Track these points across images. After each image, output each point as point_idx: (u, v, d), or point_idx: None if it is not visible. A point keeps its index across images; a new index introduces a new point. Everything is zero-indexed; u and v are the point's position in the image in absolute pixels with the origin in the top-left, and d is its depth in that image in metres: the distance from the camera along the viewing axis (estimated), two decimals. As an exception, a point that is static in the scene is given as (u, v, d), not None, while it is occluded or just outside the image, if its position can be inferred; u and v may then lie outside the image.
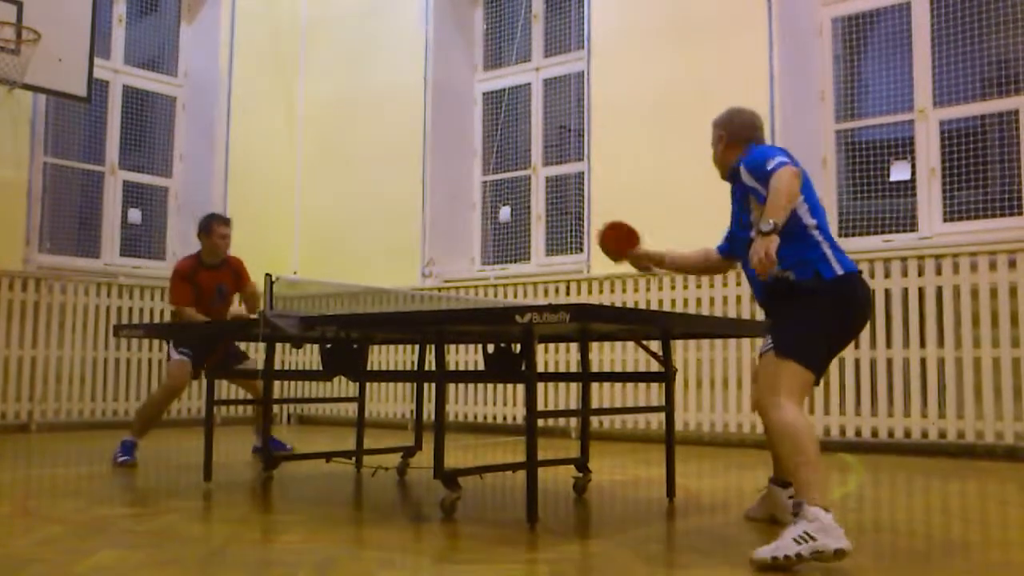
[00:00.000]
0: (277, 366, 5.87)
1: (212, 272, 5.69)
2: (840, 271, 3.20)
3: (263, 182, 9.34)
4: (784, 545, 2.68)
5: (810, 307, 3.19)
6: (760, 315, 6.52)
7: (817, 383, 3.28)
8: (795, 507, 2.78)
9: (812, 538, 2.67)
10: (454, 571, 2.71)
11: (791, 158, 3.22)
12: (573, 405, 7.25)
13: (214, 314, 5.66)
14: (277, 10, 9.72)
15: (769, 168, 3.13)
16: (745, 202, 3.38)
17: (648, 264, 4.06)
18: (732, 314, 6.67)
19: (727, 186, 3.62)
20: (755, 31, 6.84)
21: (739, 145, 3.51)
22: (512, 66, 8.85)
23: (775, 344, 3.18)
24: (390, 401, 8.49)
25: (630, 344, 6.77)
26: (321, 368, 4.74)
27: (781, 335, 3.20)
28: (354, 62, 9.39)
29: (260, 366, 4.73)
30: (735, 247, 3.67)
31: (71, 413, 7.88)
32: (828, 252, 3.22)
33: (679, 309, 6.91)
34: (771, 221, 2.96)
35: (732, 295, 6.74)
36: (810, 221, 3.26)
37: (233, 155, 9.15)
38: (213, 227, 5.68)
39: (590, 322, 3.33)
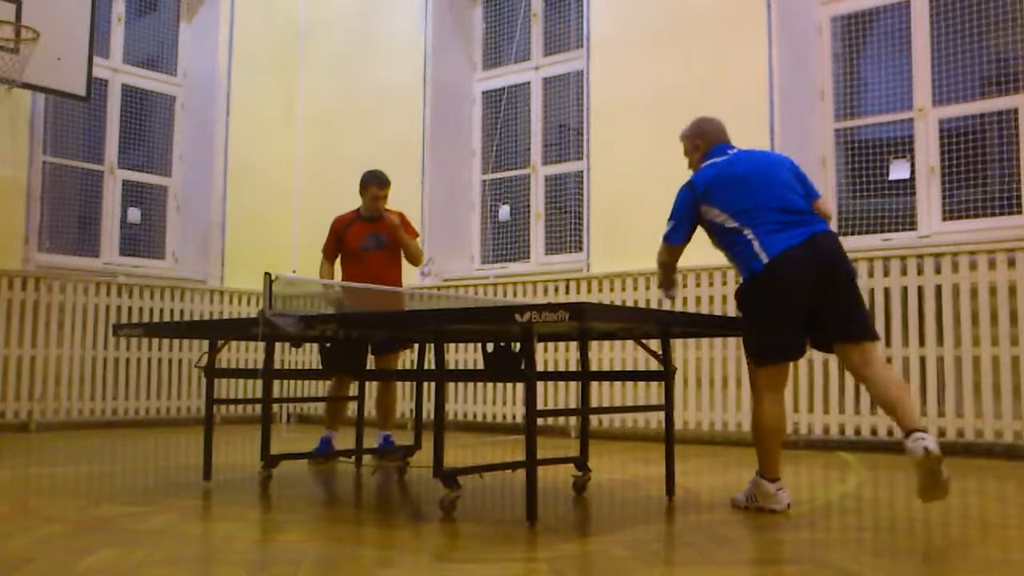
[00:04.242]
0: (276, 365, 5.86)
1: (369, 224, 5.79)
2: (766, 259, 3.55)
3: (262, 181, 9.34)
4: (740, 500, 3.78)
5: (748, 303, 3.72)
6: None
7: (792, 358, 3.73)
8: (755, 475, 3.75)
9: (756, 500, 3.69)
10: (454, 570, 2.71)
11: (686, 210, 3.83)
12: (573, 404, 7.25)
13: (368, 262, 5.72)
14: (276, 9, 9.71)
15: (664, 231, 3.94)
16: None
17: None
18: (731, 313, 6.66)
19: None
20: (754, 30, 6.84)
21: (708, 151, 4.00)
22: (511, 65, 8.85)
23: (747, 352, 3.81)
24: (390, 400, 8.47)
25: (629, 343, 6.78)
26: (321, 367, 4.75)
27: (744, 342, 3.83)
28: (353, 61, 9.39)
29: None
30: None
31: (70, 412, 7.88)
32: (756, 246, 3.58)
33: (678, 308, 6.91)
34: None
35: (731, 293, 6.71)
36: (733, 225, 3.67)
37: (232, 154, 9.15)
38: (368, 188, 5.76)
39: (589, 321, 3.32)
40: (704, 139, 3.99)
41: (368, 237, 5.77)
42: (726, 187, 3.73)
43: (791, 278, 3.55)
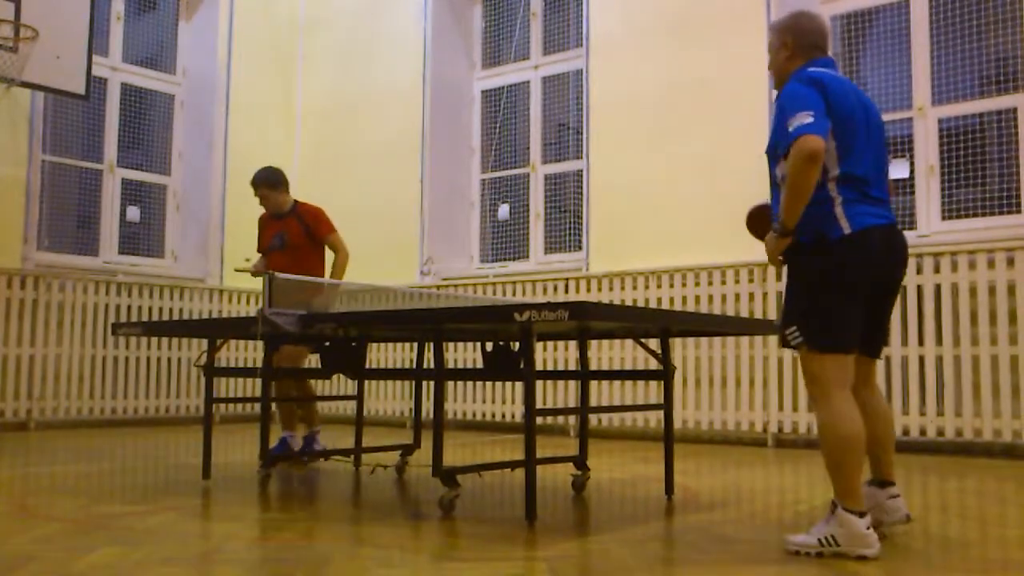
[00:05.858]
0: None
1: (277, 222, 5.73)
2: (848, 229, 2.86)
3: (262, 180, 9.32)
4: (809, 543, 2.85)
5: (813, 276, 2.91)
6: (758, 313, 6.55)
7: (849, 352, 2.90)
8: (831, 506, 2.87)
9: (836, 543, 2.81)
10: (453, 569, 2.71)
11: (822, 106, 2.83)
12: (572, 403, 7.26)
13: (271, 261, 5.63)
14: (275, 8, 9.71)
15: (791, 130, 2.79)
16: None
17: None
18: (730, 312, 6.67)
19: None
20: (754, 29, 6.84)
21: (802, 56, 3.10)
22: (511, 64, 8.85)
23: (789, 333, 2.95)
24: (389, 399, 8.49)
25: (629, 342, 6.78)
26: (320, 366, 4.74)
27: (790, 319, 2.95)
28: (352, 60, 9.39)
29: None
30: None
31: (70, 411, 7.88)
32: (838, 209, 2.87)
33: (677, 307, 6.92)
34: (781, 222, 2.84)
35: (731, 292, 6.74)
36: (833, 172, 2.89)
37: (231, 153, 9.14)
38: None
39: (589, 320, 3.32)
40: (800, 39, 3.11)
41: (274, 236, 5.70)
42: (844, 118, 2.91)
43: (871, 260, 2.89)
